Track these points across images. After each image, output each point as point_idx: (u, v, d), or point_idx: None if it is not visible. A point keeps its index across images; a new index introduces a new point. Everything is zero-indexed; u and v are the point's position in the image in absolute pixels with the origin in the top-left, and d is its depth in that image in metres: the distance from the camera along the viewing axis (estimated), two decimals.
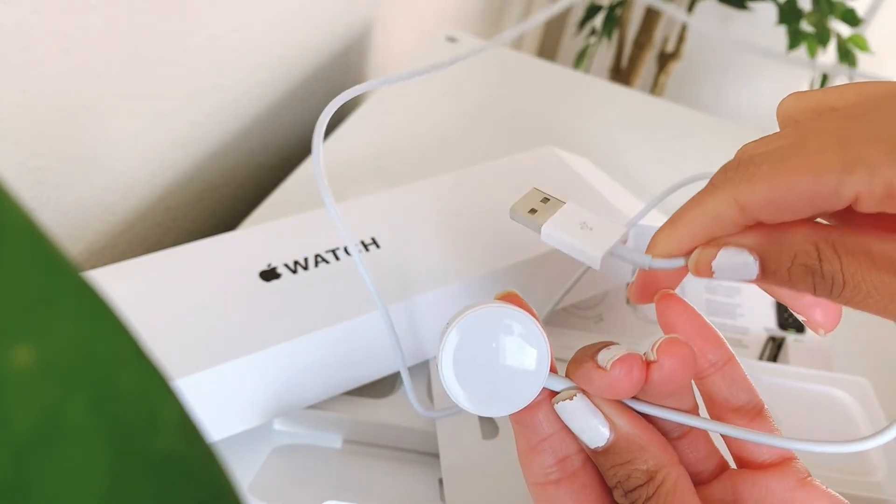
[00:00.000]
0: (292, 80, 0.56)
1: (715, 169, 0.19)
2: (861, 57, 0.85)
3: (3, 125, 0.33)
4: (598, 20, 0.99)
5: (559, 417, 0.20)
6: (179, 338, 0.30)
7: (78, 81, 0.36)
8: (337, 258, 0.34)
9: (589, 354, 0.19)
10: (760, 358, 0.40)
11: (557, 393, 0.19)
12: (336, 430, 0.34)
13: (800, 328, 0.42)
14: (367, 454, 0.34)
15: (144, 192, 0.45)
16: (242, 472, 0.32)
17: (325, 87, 0.61)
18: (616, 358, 0.18)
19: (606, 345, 0.19)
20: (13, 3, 0.31)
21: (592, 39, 1.01)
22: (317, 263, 0.34)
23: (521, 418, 0.20)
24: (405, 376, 0.32)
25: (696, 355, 0.19)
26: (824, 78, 0.92)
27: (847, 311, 0.19)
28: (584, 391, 0.19)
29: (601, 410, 0.19)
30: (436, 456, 0.34)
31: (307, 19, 0.54)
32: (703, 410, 0.21)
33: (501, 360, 0.19)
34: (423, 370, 0.37)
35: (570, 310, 0.41)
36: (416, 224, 0.37)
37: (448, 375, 0.19)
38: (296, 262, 0.34)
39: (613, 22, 0.95)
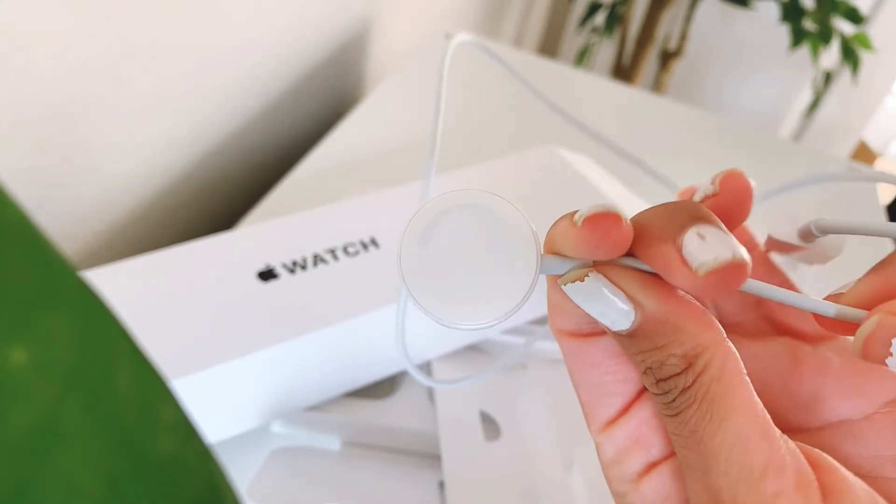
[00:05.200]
0: (290, 79, 0.55)
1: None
2: (864, 55, 0.85)
3: (0, 125, 0.33)
4: (599, 18, 0.99)
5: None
6: (176, 338, 0.30)
7: (75, 81, 0.36)
8: (336, 258, 0.34)
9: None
10: None
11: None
12: (335, 432, 0.34)
13: None
14: (367, 456, 0.34)
15: (141, 192, 0.45)
16: (241, 474, 0.32)
17: (323, 86, 0.60)
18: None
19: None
20: (11, 3, 0.31)
21: (594, 37, 1.00)
22: (315, 263, 0.34)
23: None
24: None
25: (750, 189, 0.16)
26: (827, 76, 0.92)
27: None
28: (597, 269, 0.15)
29: (622, 289, 0.15)
30: (436, 458, 0.34)
31: (305, 18, 0.54)
32: None
33: (478, 253, 0.15)
34: (424, 371, 0.36)
35: None
36: None
37: (415, 283, 0.15)
38: (294, 263, 0.34)
39: (615, 20, 0.95)
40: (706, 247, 0.14)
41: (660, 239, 0.14)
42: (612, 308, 0.15)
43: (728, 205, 0.16)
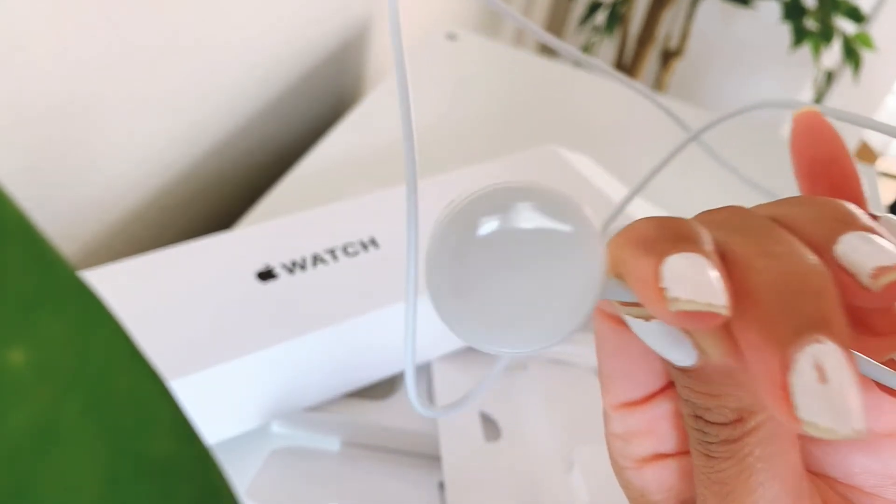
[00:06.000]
0: (290, 78, 0.56)
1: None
2: (866, 55, 0.85)
3: (0, 125, 0.33)
4: (600, 17, 0.99)
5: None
6: (175, 339, 0.30)
7: (75, 81, 0.36)
8: (335, 258, 0.34)
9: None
10: None
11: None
12: (334, 433, 0.34)
13: None
14: (366, 457, 0.34)
15: (140, 192, 0.45)
16: (241, 474, 0.32)
17: (322, 85, 0.60)
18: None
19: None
20: (11, 3, 0.31)
21: (594, 37, 1.00)
22: (314, 264, 0.34)
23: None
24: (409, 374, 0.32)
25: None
26: (828, 76, 0.92)
27: None
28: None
29: (690, 334, 0.13)
30: (436, 458, 0.34)
31: (305, 18, 0.54)
32: None
33: (524, 264, 0.12)
34: (424, 371, 0.37)
35: None
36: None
37: (445, 298, 0.13)
38: (293, 263, 0.34)
39: (616, 19, 0.95)
40: (824, 396, 0.10)
41: (766, 336, 0.11)
42: (674, 350, 0.13)
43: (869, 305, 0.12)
